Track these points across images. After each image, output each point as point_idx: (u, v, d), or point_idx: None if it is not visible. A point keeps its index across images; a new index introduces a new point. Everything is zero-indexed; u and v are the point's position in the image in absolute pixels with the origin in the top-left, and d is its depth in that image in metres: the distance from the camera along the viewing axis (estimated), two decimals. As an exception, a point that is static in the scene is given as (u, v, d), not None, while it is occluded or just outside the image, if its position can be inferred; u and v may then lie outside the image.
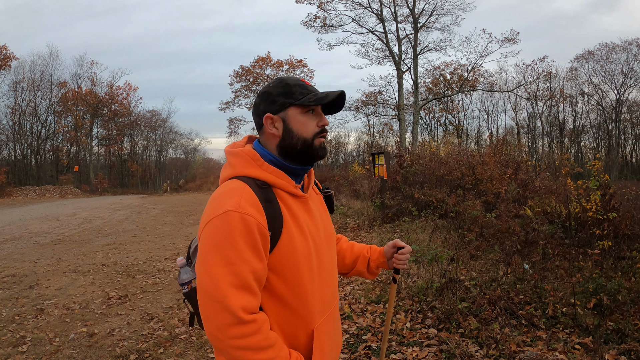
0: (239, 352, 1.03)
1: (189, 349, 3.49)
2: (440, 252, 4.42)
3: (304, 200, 1.21)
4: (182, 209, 15.74)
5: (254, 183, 1.12)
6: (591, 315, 3.28)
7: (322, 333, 1.21)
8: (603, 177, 5.32)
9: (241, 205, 1.05)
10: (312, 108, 1.19)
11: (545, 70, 34.57)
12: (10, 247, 8.12)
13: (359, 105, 27.42)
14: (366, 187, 12.76)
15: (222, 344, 1.03)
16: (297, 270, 1.13)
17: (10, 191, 27.53)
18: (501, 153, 9.76)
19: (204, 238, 1.07)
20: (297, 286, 1.14)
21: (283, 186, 1.16)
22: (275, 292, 1.13)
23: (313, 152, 1.19)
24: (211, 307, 1.02)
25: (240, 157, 1.17)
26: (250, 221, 1.04)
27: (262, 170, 1.15)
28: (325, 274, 1.24)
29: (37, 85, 35.92)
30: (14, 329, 3.97)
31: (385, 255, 1.49)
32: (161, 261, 6.79)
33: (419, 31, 23.55)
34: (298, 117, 1.18)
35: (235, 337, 1.02)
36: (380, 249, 1.51)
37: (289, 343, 1.15)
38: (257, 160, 1.16)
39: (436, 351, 3.09)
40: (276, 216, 1.10)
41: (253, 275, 1.05)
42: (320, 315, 1.20)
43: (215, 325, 1.02)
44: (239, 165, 1.17)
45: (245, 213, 1.04)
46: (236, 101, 37.85)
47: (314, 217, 1.23)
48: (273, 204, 1.11)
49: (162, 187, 36.89)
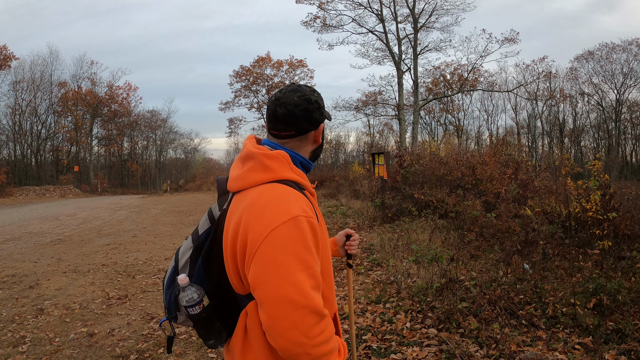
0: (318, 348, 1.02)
1: (189, 349, 3.49)
2: (440, 252, 4.42)
3: (315, 198, 1.33)
4: (182, 209, 15.74)
5: (296, 186, 1.17)
6: (591, 315, 3.28)
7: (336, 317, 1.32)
8: (603, 177, 5.32)
9: (305, 209, 1.09)
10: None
11: (545, 70, 34.61)
12: (10, 247, 8.12)
13: (359, 105, 27.43)
14: (366, 187, 12.76)
15: (304, 347, 1.00)
16: (327, 261, 1.22)
17: (10, 191, 27.52)
18: (501, 153, 9.76)
19: (272, 246, 1.03)
20: (327, 275, 1.22)
21: (307, 186, 1.24)
22: None
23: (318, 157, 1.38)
24: (297, 314, 0.99)
25: (279, 161, 1.17)
26: (315, 224, 1.09)
27: (295, 173, 1.20)
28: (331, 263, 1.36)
29: (37, 85, 35.93)
30: (14, 329, 3.97)
31: (338, 243, 1.65)
32: (161, 261, 6.79)
33: (419, 31, 23.55)
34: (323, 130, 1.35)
35: (318, 334, 1.02)
36: (332, 238, 1.66)
37: None
38: (290, 163, 1.20)
39: (436, 351, 3.09)
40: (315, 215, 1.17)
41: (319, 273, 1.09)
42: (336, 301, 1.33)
43: (301, 331, 1.00)
44: (279, 169, 1.16)
45: (310, 217, 1.09)
46: (236, 101, 37.87)
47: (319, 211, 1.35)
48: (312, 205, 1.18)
49: (162, 187, 36.91)
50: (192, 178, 38.45)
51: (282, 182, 1.14)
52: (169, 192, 30.97)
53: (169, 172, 50.29)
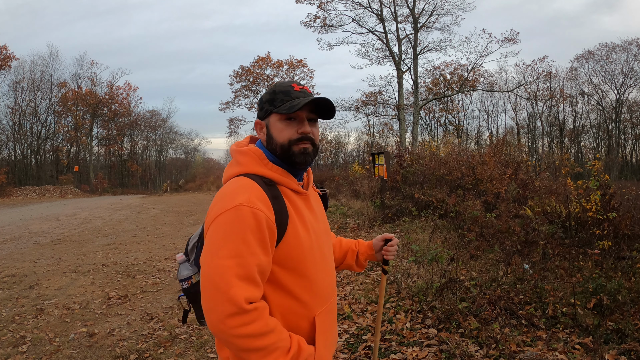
0: (241, 340, 1.06)
1: (189, 349, 3.49)
2: (440, 252, 4.42)
3: (305, 197, 1.29)
4: (182, 209, 15.74)
5: (262, 180, 1.19)
6: (591, 315, 3.28)
7: (324, 320, 1.27)
8: (603, 177, 5.32)
9: (251, 200, 1.10)
10: (292, 115, 1.22)
11: (545, 70, 34.57)
12: (10, 247, 8.12)
13: (359, 105, 27.41)
14: (366, 187, 12.76)
15: (224, 334, 1.06)
16: (302, 261, 1.20)
17: (10, 191, 27.52)
18: (501, 153, 9.76)
19: (213, 230, 1.11)
20: (302, 277, 1.20)
21: (287, 184, 1.23)
22: (280, 283, 1.18)
23: (291, 158, 1.23)
24: (215, 297, 1.05)
25: (248, 156, 1.24)
26: (260, 216, 1.09)
27: (268, 169, 1.22)
28: (326, 265, 1.32)
29: (37, 85, 35.93)
30: (14, 329, 3.97)
31: (374, 248, 1.57)
32: (161, 261, 6.79)
33: (419, 31, 23.54)
34: (277, 124, 1.23)
35: (237, 326, 1.04)
36: (369, 242, 1.60)
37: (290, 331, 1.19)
38: (264, 159, 1.23)
39: (436, 351, 3.09)
40: (282, 212, 1.16)
41: (258, 268, 1.09)
42: (322, 304, 1.26)
43: (218, 316, 1.05)
44: (248, 164, 1.22)
45: (255, 208, 1.10)
46: (236, 101, 37.85)
47: (314, 212, 1.31)
48: (279, 201, 1.18)
49: (162, 187, 36.88)
50: (192, 178, 38.42)
51: (248, 175, 1.20)
52: (169, 192, 30.96)
53: (169, 172, 50.25)
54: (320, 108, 1.26)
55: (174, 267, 6.36)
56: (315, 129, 1.27)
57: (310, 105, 1.23)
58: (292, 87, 1.24)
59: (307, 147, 1.23)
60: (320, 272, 1.26)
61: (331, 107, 1.25)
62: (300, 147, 1.22)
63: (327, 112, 1.27)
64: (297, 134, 1.22)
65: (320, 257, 1.27)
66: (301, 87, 1.25)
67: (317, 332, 1.22)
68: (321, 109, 1.26)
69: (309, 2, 23.39)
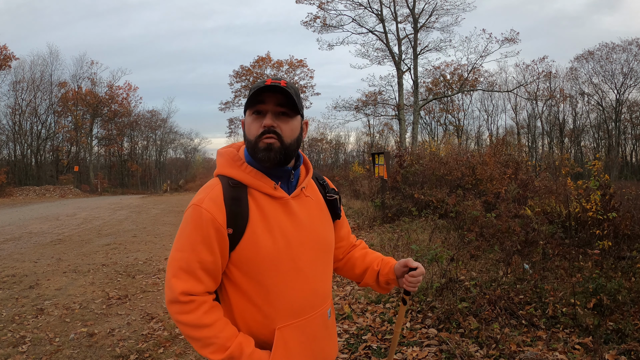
0: (180, 326, 1.16)
1: (189, 349, 3.49)
2: (440, 252, 4.42)
3: (283, 202, 1.21)
4: (182, 209, 15.73)
5: (227, 182, 1.19)
6: (591, 315, 3.28)
7: (290, 336, 1.19)
8: (603, 177, 5.31)
9: (204, 201, 1.15)
10: (259, 109, 1.17)
11: (545, 70, 34.58)
12: (10, 247, 8.12)
13: (359, 105, 27.40)
14: (366, 187, 12.77)
15: (171, 315, 1.17)
16: (259, 269, 1.17)
17: (10, 191, 27.52)
18: (501, 153, 9.76)
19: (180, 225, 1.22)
20: (259, 285, 1.17)
21: (258, 187, 1.19)
22: (238, 286, 1.19)
23: (256, 155, 1.17)
24: (165, 282, 1.18)
25: (222, 158, 1.26)
26: (205, 216, 1.13)
27: (240, 171, 1.20)
28: (301, 279, 1.21)
29: (37, 85, 35.91)
30: (14, 329, 3.97)
31: (395, 273, 1.39)
32: (161, 261, 6.79)
33: (419, 31, 23.55)
34: (247, 120, 1.21)
35: (175, 312, 1.15)
36: (393, 263, 1.42)
37: (253, 336, 1.20)
38: (237, 161, 1.22)
39: (436, 351, 3.09)
40: (240, 215, 1.15)
41: (200, 264, 1.14)
42: (286, 319, 1.19)
43: (166, 298, 1.18)
44: (221, 165, 1.25)
45: (203, 208, 1.14)
46: (236, 101, 37.86)
47: (296, 219, 1.21)
48: (240, 203, 1.16)
49: (162, 187, 36.90)
50: (192, 178, 38.48)
51: (219, 176, 1.23)
52: (169, 192, 30.97)
53: (169, 172, 50.28)
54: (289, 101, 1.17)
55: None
56: (285, 123, 1.17)
57: (278, 97, 1.16)
58: (264, 82, 1.17)
59: (272, 143, 1.15)
60: (286, 286, 1.18)
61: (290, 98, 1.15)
62: (264, 142, 1.15)
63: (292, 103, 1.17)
64: (261, 127, 1.16)
65: (291, 269, 1.18)
66: (275, 81, 1.16)
67: (274, 348, 1.17)
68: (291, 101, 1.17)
69: (309, 2, 23.42)
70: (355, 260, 1.48)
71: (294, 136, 1.20)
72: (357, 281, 1.51)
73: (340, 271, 1.53)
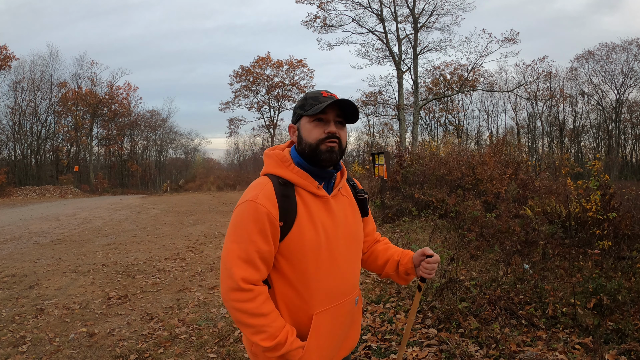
0: (237, 313, 1.26)
1: (189, 349, 3.49)
2: (440, 252, 4.42)
3: (325, 200, 1.37)
4: (182, 209, 15.74)
5: (277, 180, 1.33)
6: (591, 315, 3.28)
7: (323, 321, 1.35)
8: (603, 177, 5.31)
9: (258, 197, 1.28)
10: (320, 117, 1.35)
11: (545, 70, 34.57)
12: (10, 247, 8.12)
13: (359, 105, 27.31)
14: (366, 187, 12.76)
15: (227, 304, 1.28)
16: (303, 258, 1.31)
17: (10, 191, 27.52)
18: (501, 153, 9.76)
19: (231, 219, 1.33)
20: (302, 273, 1.32)
21: (304, 185, 1.34)
22: (283, 273, 1.33)
23: (318, 156, 1.34)
24: (223, 272, 1.28)
25: (271, 159, 1.40)
26: (261, 210, 1.26)
27: (289, 171, 1.35)
28: (335, 268, 1.37)
29: (37, 85, 35.92)
30: (14, 329, 3.97)
31: (414, 262, 1.52)
32: (161, 261, 6.79)
33: (419, 31, 23.53)
34: (306, 125, 1.37)
35: (234, 300, 1.26)
36: (412, 254, 1.56)
37: (292, 320, 1.34)
38: (285, 162, 1.37)
39: (436, 351, 3.09)
40: (290, 210, 1.30)
41: (258, 254, 1.26)
42: (322, 304, 1.34)
43: (223, 288, 1.28)
44: (269, 165, 1.39)
45: (259, 203, 1.27)
46: (236, 101, 37.92)
47: (334, 216, 1.38)
48: (290, 200, 1.31)
49: (162, 187, 36.89)
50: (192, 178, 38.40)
51: (268, 175, 1.37)
52: (169, 192, 30.96)
53: (169, 172, 50.25)
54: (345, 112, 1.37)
55: (173, 267, 6.36)
56: (343, 131, 1.38)
57: (336, 109, 1.35)
58: (321, 93, 1.37)
59: (334, 146, 1.34)
60: (324, 274, 1.33)
61: (354, 109, 1.36)
62: (327, 145, 1.33)
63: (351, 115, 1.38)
64: (324, 133, 1.34)
65: (328, 259, 1.34)
66: (329, 93, 1.37)
67: (311, 331, 1.32)
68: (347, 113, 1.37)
69: (309, 2, 23.39)
70: (378, 252, 1.63)
71: (346, 142, 1.41)
72: (379, 272, 1.64)
73: (365, 263, 1.67)
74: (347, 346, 1.48)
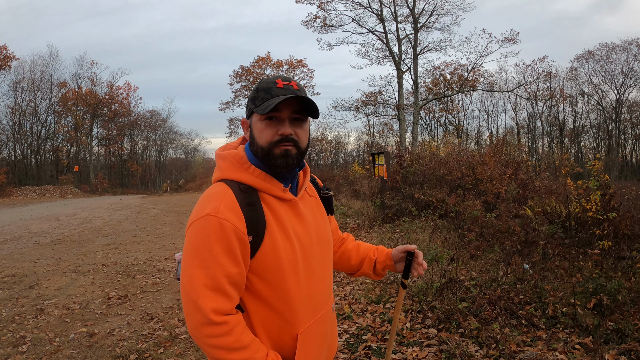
0: (213, 350, 1.06)
1: (189, 349, 3.49)
2: (440, 252, 4.42)
3: (292, 203, 1.19)
4: (182, 209, 15.74)
5: (237, 187, 1.12)
6: (591, 315, 3.28)
7: (309, 338, 1.20)
8: (603, 177, 5.31)
9: (220, 209, 1.06)
10: (273, 115, 1.12)
11: (545, 70, 34.56)
12: (10, 247, 8.12)
13: (359, 105, 27.38)
14: (366, 187, 12.76)
15: (199, 341, 1.08)
16: (280, 274, 1.12)
17: (10, 191, 27.52)
18: (501, 153, 9.76)
19: (186, 240, 1.09)
20: (281, 291, 1.13)
21: (269, 190, 1.15)
22: (259, 294, 1.13)
23: (271, 161, 1.13)
24: (188, 306, 1.06)
25: (227, 161, 1.18)
26: (226, 226, 1.05)
27: (249, 174, 1.15)
28: (315, 279, 1.22)
29: (37, 85, 35.95)
30: (14, 329, 3.97)
31: (393, 259, 1.45)
32: (161, 261, 6.79)
33: (419, 31, 23.54)
34: (257, 124, 1.15)
35: (207, 335, 1.05)
36: (388, 251, 1.48)
37: (274, 344, 1.16)
38: (244, 163, 1.16)
39: (436, 351, 3.09)
40: (258, 220, 1.10)
41: (227, 279, 1.06)
42: (306, 320, 1.19)
43: (191, 323, 1.06)
44: (226, 169, 1.17)
45: (222, 218, 1.05)
46: (236, 101, 37.86)
47: (304, 220, 1.21)
48: (256, 208, 1.11)
49: (162, 187, 36.88)
50: (192, 178, 38.45)
51: (226, 181, 1.15)
52: (169, 192, 30.96)
53: (169, 172, 50.30)
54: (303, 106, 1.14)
55: (173, 267, 6.36)
56: (301, 129, 1.15)
57: (293, 104, 1.12)
58: (275, 83, 1.14)
59: (289, 150, 1.13)
60: (304, 287, 1.17)
61: (312, 105, 1.14)
62: (281, 149, 1.12)
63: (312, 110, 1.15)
64: (277, 135, 1.12)
65: (305, 270, 1.18)
66: (286, 82, 1.14)
67: (297, 352, 1.16)
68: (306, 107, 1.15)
69: (309, 2, 23.40)
70: (350, 252, 1.52)
71: (307, 140, 1.19)
72: (352, 272, 1.54)
73: (336, 264, 1.53)
74: (331, 355, 1.37)
